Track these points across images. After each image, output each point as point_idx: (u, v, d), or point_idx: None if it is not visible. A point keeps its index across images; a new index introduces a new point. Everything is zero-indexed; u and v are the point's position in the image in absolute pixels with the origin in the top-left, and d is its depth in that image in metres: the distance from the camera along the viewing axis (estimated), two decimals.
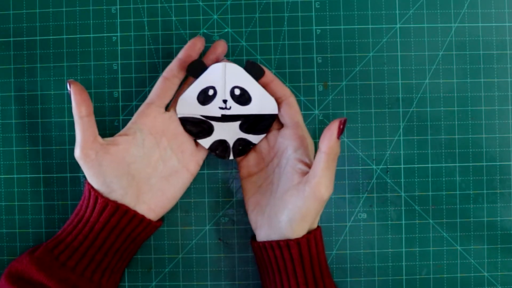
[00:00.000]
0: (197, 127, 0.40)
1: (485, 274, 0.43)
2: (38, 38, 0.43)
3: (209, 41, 0.43)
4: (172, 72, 0.38)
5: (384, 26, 0.43)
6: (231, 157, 0.40)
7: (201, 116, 0.39)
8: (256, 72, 0.38)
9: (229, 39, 0.43)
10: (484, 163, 0.43)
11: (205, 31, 0.43)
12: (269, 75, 0.39)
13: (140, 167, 0.38)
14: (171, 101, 0.40)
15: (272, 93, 0.39)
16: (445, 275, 0.43)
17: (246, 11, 0.44)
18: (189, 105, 0.39)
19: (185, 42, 0.43)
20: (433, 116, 0.43)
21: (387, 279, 0.43)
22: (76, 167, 0.43)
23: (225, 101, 0.39)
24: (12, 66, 0.44)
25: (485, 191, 0.43)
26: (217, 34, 0.43)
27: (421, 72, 0.43)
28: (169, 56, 0.43)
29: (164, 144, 0.39)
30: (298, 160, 0.37)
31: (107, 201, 0.36)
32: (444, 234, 0.43)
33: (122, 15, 0.43)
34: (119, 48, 0.43)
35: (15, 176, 0.43)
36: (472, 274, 0.43)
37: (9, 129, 0.43)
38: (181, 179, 0.40)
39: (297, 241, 0.36)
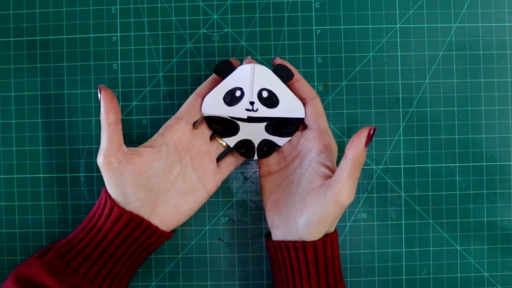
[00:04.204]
0: (222, 126, 0.39)
1: (485, 274, 0.43)
2: (38, 38, 0.43)
3: (209, 41, 0.43)
4: (205, 90, 0.39)
5: (384, 26, 0.43)
6: (256, 157, 0.40)
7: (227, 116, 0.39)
8: (285, 75, 0.38)
9: (229, 39, 0.43)
10: (484, 163, 0.43)
11: (205, 31, 0.43)
12: (295, 74, 0.38)
13: (159, 180, 0.38)
14: (199, 118, 0.39)
15: (296, 93, 0.38)
16: (445, 275, 0.43)
17: (246, 11, 0.44)
18: (214, 106, 0.38)
19: (185, 42, 0.43)
20: (433, 116, 0.43)
21: (387, 279, 0.43)
22: (76, 167, 0.43)
23: (252, 103, 0.38)
24: (12, 66, 0.44)
25: (485, 191, 0.43)
26: (217, 34, 0.43)
27: (421, 72, 0.43)
28: (170, 56, 0.43)
29: (186, 160, 0.39)
30: (321, 164, 0.36)
31: (123, 212, 0.36)
32: (444, 234, 0.43)
33: (122, 15, 0.43)
34: (119, 48, 0.43)
35: (15, 176, 0.43)
36: (472, 274, 0.43)
37: (9, 129, 0.43)
38: (197, 197, 0.39)
39: (314, 243, 0.35)
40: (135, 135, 0.43)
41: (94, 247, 0.36)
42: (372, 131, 0.33)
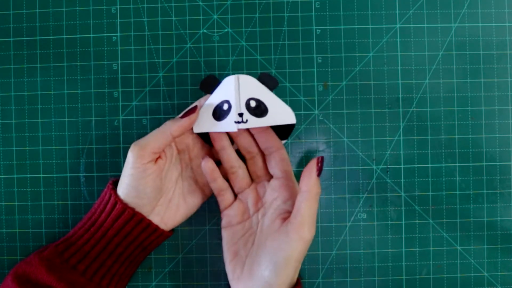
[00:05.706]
0: None
1: (485, 274, 0.43)
2: (38, 38, 0.43)
3: (209, 41, 0.43)
4: (205, 101, 0.39)
5: (384, 26, 0.43)
6: None
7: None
8: (270, 82, 0.38)
9: (229, 39, 0.43)
10: (484, 163, 0.43)
11: (205, 31, 0.43)
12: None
13: (165, 181, 0.38)
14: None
15: (262, 142, 0.38)
16: (445, 275, 0.43)
17: (246, 11, 0.43)
18: (205, 123, 0.38)
19: (185, 42, 0.43)
20: (433, 116, 0.43)
21: (387, 279, 0.43)
22: (76, 167, 0.43)
23: (241, 115, 0.37)
24: (12, 66, 0.44)
25: (485, 191, 0.43)
26: (217, 34, 0.43)
27: (421, 72, 0.43)
28: (170, 56, 0.43)
29: (186, 161, 0.40)
30: (286, 210, 0.37)
31: (125, 207, 0.36)
32: (444, 234, 0.43)
33: (122, 15, 0.43)
34: (119, 48, 0.43)
35: (15, 176, 0.43)
36: (472, 274, 0.43)
37: (9, 129, 0.43)
38: (195, 199, 0.40)
39: None
40: (135, 135, 0.43)
41: (93, 244, 0.36)
42: (319, 161, 0.34)
